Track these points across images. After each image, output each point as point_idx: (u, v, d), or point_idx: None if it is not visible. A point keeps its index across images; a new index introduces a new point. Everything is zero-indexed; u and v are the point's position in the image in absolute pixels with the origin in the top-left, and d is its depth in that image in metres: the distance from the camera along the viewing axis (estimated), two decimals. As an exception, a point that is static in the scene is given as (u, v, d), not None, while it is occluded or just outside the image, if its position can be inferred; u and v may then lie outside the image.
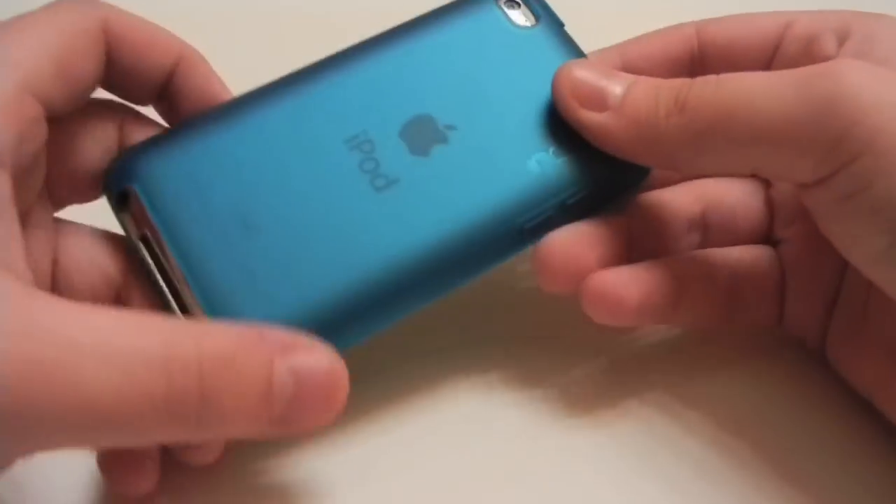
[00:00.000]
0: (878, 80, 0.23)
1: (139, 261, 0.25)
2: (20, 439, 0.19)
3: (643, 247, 0.28)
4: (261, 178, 0.25)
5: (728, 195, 0.29)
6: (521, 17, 0.28)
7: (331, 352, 0.22)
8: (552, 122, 0.27)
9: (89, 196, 0.26)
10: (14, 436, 0.19)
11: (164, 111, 0.28)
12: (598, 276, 0.26)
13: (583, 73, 0.27)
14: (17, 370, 0.18)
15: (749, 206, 0.30)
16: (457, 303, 0.27)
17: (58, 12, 0.24)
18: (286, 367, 0.21)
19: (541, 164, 0.26)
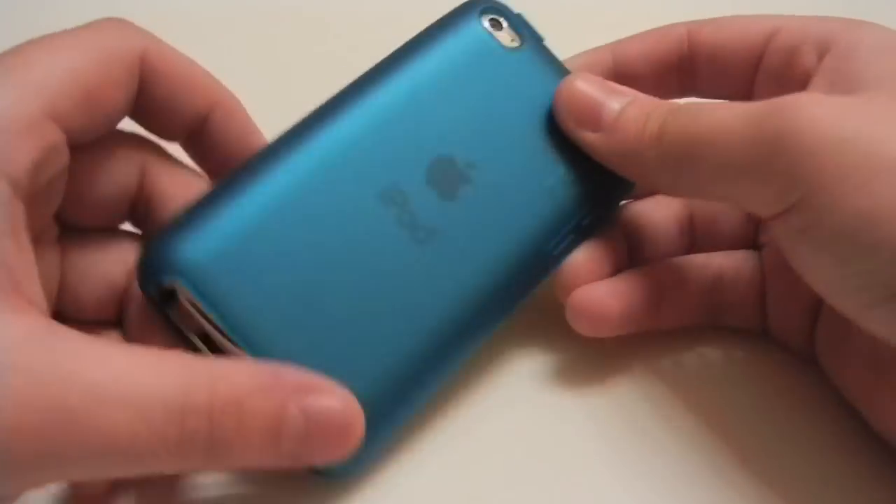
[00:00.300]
0: (830, 115, 0.23)
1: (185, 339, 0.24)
2: (37, 478, 0.20)
3: (638, 255, 0.29)
4: (308, 248, 0.24)
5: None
6: (507, 38, 0.28)
7: (345, 392, 0.22)
8: (558, 142, 0.27)
9: (98, 223, 0.26)
10: (32, 474, 0.20)
11: (195, 153, 0.27)
12: (580, 293, 0.27)
13: (583, 88, 0.27)
14: (41, 415, 0.19)
15: (733, 210, 0.30)
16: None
17: (97, 35, 0.24)
18: (299, 408, 0.21)
19: (557, 188, 0.27)
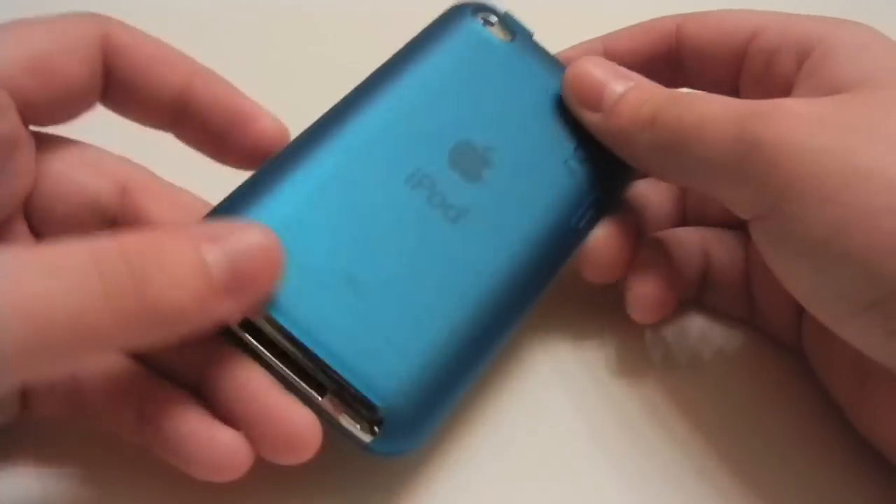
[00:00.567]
0: (808, 124, 0.23)
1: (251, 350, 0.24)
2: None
3: (643, 233, 0.30)
4: (350, 236, 0.25)
5: None
6: (500, 33, 0.29)
7: (260, 226, 0.22)
8: (566, 123, 0.29)
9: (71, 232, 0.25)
10: None
11: (187, 135, 0.27)
12: (640, 288, 0.28)
13: (591, 70, 0.28)
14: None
15: None
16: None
17: (56, 18, 0.24)
18: (216, 247, 0.21)
19: (572, 164, 0.28)
